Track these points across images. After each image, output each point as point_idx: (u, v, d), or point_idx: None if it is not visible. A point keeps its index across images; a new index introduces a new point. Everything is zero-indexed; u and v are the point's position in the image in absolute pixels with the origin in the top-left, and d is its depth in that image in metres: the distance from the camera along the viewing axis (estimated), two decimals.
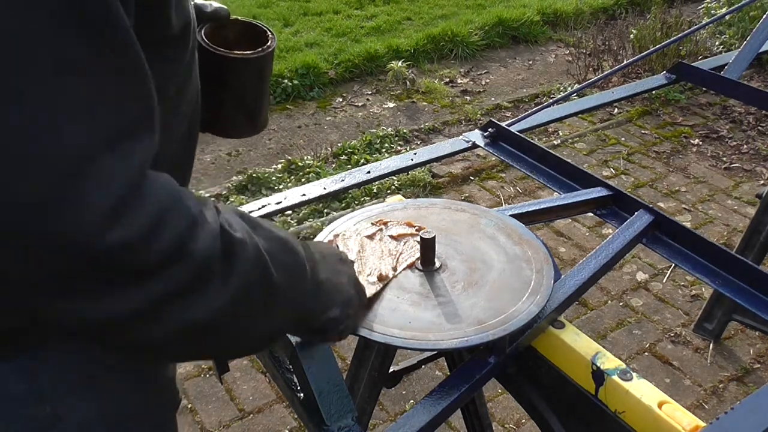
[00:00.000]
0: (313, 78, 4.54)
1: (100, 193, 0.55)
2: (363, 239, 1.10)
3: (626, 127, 4.09)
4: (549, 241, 3.04)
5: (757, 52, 1.95)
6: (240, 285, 0.67)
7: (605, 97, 1.90)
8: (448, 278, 1.03)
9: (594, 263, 1.16)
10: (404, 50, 4.90)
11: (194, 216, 0.63)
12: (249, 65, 0.96)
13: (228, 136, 1.06)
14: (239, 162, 3.77)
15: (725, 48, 4.66)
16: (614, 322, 2.64)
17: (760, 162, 3.70)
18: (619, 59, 4.56)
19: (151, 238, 0.58)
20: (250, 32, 1.00)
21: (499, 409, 2.27)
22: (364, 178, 1.47)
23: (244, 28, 1.01)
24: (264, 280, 0.71)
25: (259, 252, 0.70)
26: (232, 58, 0.93)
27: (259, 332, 0.76)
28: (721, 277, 1.16)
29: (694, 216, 3.25)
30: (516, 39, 5.38)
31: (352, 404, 0.93)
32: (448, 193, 3.43)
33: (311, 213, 3.24)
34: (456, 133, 3.97)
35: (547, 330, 1.06)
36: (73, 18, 0.54)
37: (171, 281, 0.61)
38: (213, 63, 0.92)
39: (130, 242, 0.57)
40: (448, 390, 1.00)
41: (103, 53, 0.56)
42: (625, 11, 5.80)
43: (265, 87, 1.02)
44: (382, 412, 2.27)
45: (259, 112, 1.04)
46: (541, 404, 1.11)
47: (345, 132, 4.10)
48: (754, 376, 2.40)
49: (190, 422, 2.23)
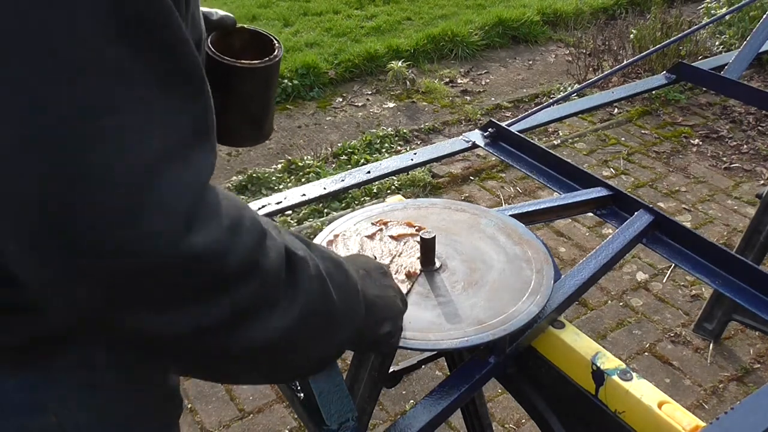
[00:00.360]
0: (313, 78, 4.54)
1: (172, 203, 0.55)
2: (363, 239, 1.10)
3: (626, 127, 4.09)
4: (549, 241, 3.04)
5: (757, 52, 1.95)
6: (305, 303, 0.67)
7: (605, 97, 1.90)
8: (448, 278, 1.03)
9: (594, 263, 1.16)
10: (404, 50, 4.90)
11: (264, 229, 0.62)
12: (255, 74, 0.95)
13: (232, 144, 1.05)
14: (239, 162, 3.77)
15: (725, 48, 4.66)
16: (614, 322, 2.64)
17: (760, 162, 3.70)
18: (619, 59, 4.56)
19: (228, 246, 0.58)
20: (256, 41, 1.00)
21: (499, 409, 2.27)
22: (364, 178, 1.47)
23: (251, 36, 1.00)
24: (325, 299, 0.71)
25: (319, 271, 0.70)
26: (238, 68, 0.92)
27: (318, 353, 0.76)
28: (721, 277, 1.16)
29: (694, 216, 3.25)
30: (516, 39, 5.37)
31: (352, 404, 0.93)
32: (448, 193, 3.43)
33: (311, 213, 3.24)
34: (456, 133, 3.97)
35: (547, 330, 1.06)
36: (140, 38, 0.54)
37: (245, 295, 0.60)
38: (219, 72, 0.92)
39: (210, 249, 0.56)
40: (448, 390, 1.00)
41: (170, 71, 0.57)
42: (625, 11, 5.80)
43: (271, 96, 1.01)
44: (382, 412, 2.27)
45: (264, 121, 1.03)
46: (541, 404, 1.11)
47: (345, 132, 4.10)
48: (754, 376, 2.40)
49: (190, 422, 2.23)
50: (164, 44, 0.56)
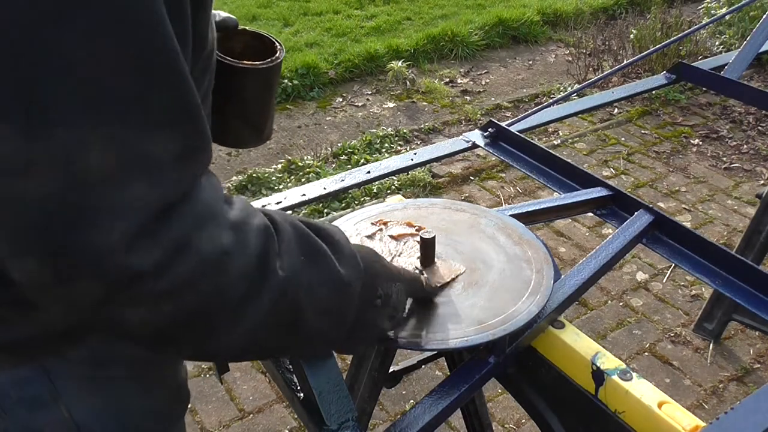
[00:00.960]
0: (313, 78, 4.54)
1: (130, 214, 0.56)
2: (363, 239, 1.10)
3: (626, 127, 4.09)
4: (549, 241, 3.04)
5: (757, 52, 1.95)
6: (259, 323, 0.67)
7: (605, 97, 1.90)
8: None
9: (594, 263, 1.16)
10: (404, 50, 4.90)
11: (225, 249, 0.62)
12: (257, 75, 0.95)
13: (233, 145, 1.05)
14: (239, 162, 3.77)
15: (725, 48, 4.66)
16: (614, 322, 2.64)
17: (760, 162, 3.70)
18: (619, 59, 4.56)
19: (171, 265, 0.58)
20: (257, 43, 1.00)
21: (499, 409, 2.27)
22: (364, 178, 1.47)
23: (252, 38, 1.00)
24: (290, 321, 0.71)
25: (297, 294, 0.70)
26: (240, 68, 0.92)
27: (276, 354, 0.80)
28: (721, 277, 1.16)
29: (694, 216, 3.25)
30: (516, 39, 5.38)
31: (352, 404, 0.93)
32: (448, 193, 3.43)
33: (311, 213, 3.24)
34: (456, 133, 3.97)
35: (547, 330, 1.06)
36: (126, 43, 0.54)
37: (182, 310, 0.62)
38: (221, 73, 0.92)
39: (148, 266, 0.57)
40: (448, 390, 1.00)
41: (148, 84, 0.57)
42: (625, 11, 5.80)
43: (271, 98, 1.01)
44: (382, 412, 2.27)
45: (264, 123, 1.03)
46: (541, 404, 1.11)
47: (345, 132, 4.10)
48: (754, 376, 2.40)
49: (190, 422, 2.23)
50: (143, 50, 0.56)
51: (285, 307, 0.69)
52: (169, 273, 0.58)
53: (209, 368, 2.41)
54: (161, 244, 0.57)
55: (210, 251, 0.61)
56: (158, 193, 0.57)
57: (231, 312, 0.65)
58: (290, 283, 0.68)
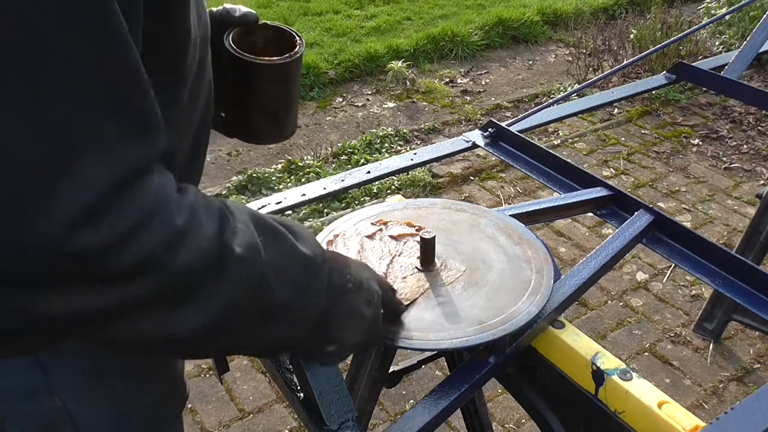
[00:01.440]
0: (313, 78, 4.54)
1: (74, 196, 0.54)
2: (363, 239, 1.10)
3: (626, 127, 4.09)
4: (549, 241, 3.04)
5: (757, 52, 1.95)
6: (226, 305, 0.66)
7: (605, 97, 1.90)
8: (447, 278, 1.03)
9: (594, 263, 1.16)
10: (404, 50, 4.90)
11: (178, 229, 0.61)
12: (275, 71, 0.94)
13: (255, 141, 1.05)
14: (239, 162, 3.77)
15: (725, 48, 4.66)
16: (614, 322, 2.64)
17: (760, 162, 3.70)
18: (619, 59, 4.56)
19: (122, 245, 0.57)
20: (278, 37, 0.99)
21: (499, 409, 2.27)
22: (364, 178, 1.47)
23: (273, 32, 1.00)
24: (259, 301, 0.69)
25: (261, 270, 0.68)
26: (257, 64, 0.92)
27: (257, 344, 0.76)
28: (721, 277, 1.16)
29: (694, 216, 3.25)
30: (516, 39, 5.38)
31: (352, 404, 0.93)
32: (448, 193, 3.43)
33: (311, 213, 3.24)
34: (456, 133, 3.97)
35: (547, 330, 1.06)
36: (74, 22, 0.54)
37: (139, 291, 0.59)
38: (240, 68, 0.91)
39: (96, 248, 0.56)
40: (448, 390, 1.00)
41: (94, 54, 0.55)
42: (625, 11, 5.80)
43: (292, 93, 1.00)
44: (382, 412, 2.27)
45: (286, 119, 1.02)
46: (541, 404, 1.11)
47: (345, 132, 4.10)
48: (754, 376, 2.40)
49: (190, 422, 2.23)
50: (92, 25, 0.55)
51: (248, 287, 0.67)
52: (122, 253, 0.57)
53: (209, 368, 2.41)
54: (113, 225, 0.56)
55: (164, 231, 0.60)
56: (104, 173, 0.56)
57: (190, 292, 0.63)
58: (250, 261, 0.67)
